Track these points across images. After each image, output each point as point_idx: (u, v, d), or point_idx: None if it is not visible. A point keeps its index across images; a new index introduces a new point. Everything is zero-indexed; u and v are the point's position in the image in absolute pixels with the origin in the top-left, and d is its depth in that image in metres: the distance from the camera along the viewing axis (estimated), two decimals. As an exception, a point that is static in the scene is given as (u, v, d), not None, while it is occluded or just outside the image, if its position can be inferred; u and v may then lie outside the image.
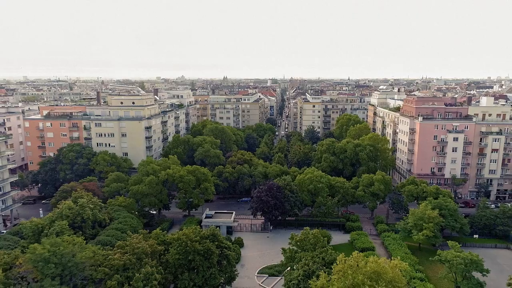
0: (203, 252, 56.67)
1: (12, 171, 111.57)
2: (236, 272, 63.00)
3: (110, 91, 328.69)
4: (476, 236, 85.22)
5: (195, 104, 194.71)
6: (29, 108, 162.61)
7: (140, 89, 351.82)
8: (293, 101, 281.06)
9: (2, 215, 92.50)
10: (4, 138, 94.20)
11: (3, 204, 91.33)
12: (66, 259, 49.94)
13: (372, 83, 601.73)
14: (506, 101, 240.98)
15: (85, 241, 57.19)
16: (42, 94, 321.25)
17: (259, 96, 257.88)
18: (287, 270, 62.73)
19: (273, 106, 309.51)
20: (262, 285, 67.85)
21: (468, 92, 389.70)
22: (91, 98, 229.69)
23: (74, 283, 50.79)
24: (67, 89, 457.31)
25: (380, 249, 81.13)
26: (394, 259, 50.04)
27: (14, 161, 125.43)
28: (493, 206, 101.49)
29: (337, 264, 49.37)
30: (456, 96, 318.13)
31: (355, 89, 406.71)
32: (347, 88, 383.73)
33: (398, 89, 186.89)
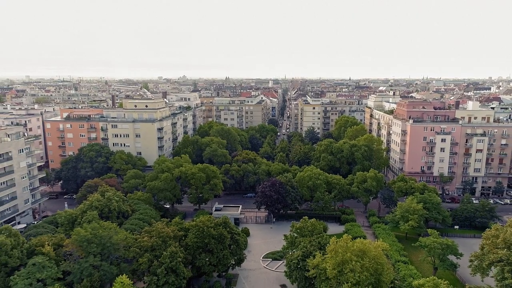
0: (217, 237, 66.71)
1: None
2: (244, 255, 73.14)
3: (117, 92, 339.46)
4: (456, 227, 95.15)
5: (201, 106, 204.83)
6: (45, 110, 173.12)
7: (146, 90, 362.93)
8: (294, 103, 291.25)
9: (32, 208, 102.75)
10: (34, 138, 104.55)
11: (33, 198, 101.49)
12: (104, 240, 59.97)
13: (372, 84, 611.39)
14: (499, 103, 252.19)
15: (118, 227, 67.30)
16: (51, 95, 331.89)
17: (262, 98, 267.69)
18: (289, 254, 72.64)
19: (274, 107, 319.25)
20: (266, 267, 77.97)
21: (465, 93, 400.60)
22: (101, 100, 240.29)
23: (111, 260, 60.88)
24: (72, 89, 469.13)
25: (371, 238, 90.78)
26: (377, 241, 60.10)
27: (37, 159, 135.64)
28: (476, 201, 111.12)
29: (330, 245, 59.53)
30: (452, 97, 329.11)
31: (355, 90, 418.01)
32: (347, 89, 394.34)
33: (394, 93, 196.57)
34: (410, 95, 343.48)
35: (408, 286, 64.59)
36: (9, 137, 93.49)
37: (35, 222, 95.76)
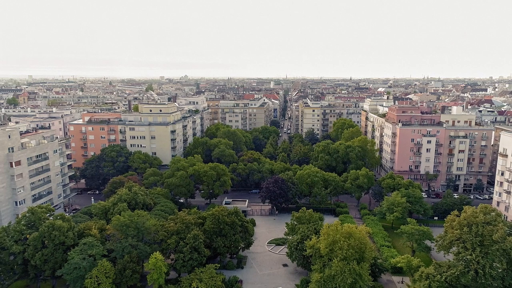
0: (230, 223, 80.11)
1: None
2: (252, 240, 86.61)
3: (125, 95, 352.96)
4: (436, 218, 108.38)
5: (208, 109, 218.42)
6: (64, 113, 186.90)
7: (152, 92, 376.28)
8: (295, 104, 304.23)
9: (63, 202, 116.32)
10: (65, 140, 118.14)
11: (64, 193, 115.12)
12: (139, 225, 73.37)
13: (371, 85, 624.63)
14: (490, 105, 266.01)
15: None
16: (62, 97, 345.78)
17: (264, 100, 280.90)
18: (290, 238, 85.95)
19: (276, 109, 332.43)
20: (271, 251, 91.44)
21: (462, 95, 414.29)
22: (112, 103, 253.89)
23: (144, 241, 74.37)
24: (78, 89, 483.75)
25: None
26: (361, 226, 73.43)
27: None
28: (457, 196, 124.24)
29: (323, 229, 72.86)
30: (446, 99, 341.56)
31: (354, 91, 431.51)
32: (346, 91, 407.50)
33: (387, 97, 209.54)
34: (407, 96, 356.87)
35: (388, 264, 78.34)
36: (45, 139, 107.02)
37: (67, 214, 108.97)
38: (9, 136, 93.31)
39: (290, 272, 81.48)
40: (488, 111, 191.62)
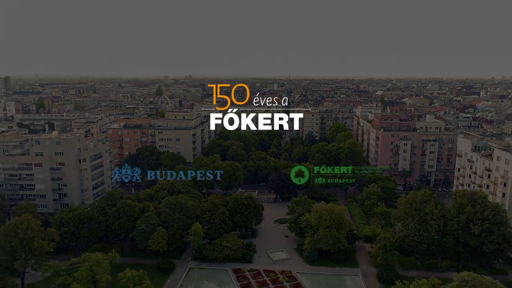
0: (246, 204, 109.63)
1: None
2: (262, 218, 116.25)
3: (141, 99, 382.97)
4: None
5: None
6: (97, 118, 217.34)
7: (166, 96, 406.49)
8: (297, 108, 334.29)
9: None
10: (113, 142, 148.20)
11: (111, 184, 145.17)
12: (182, 204, 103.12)
13: (371, 87, 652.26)
14: (474, 110, 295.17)
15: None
16: (83, 100, 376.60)
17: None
18: (290, 216, 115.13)
19: (280, 111, 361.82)
20: (276, 227, 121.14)
21: (455, 98, 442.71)
22: (133, 108, 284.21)
23: (186, 216, 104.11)
24: (90, 90, 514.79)
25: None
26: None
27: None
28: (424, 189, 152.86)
29: (313, 207, 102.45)
30: (436, 104, 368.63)
31: (353, 94, 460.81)
32: (345, 95, 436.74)
33: (376, 105, 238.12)
34: (402, 100, 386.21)
35: (362, 235, 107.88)
36: (99, 142, 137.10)
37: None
38: (78, 139, 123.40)
39: (290, 241, 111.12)
40: (465, 117, 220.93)
